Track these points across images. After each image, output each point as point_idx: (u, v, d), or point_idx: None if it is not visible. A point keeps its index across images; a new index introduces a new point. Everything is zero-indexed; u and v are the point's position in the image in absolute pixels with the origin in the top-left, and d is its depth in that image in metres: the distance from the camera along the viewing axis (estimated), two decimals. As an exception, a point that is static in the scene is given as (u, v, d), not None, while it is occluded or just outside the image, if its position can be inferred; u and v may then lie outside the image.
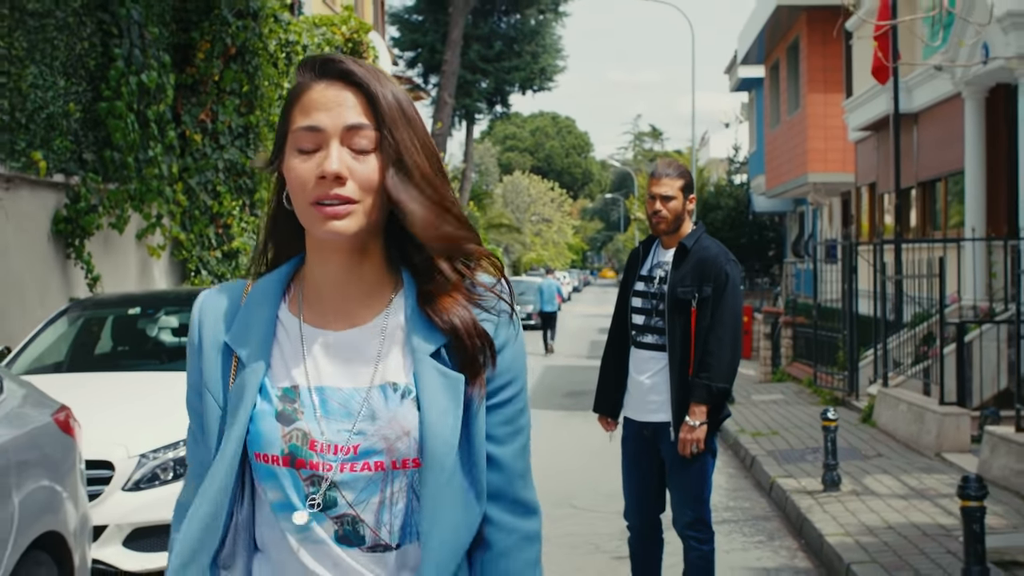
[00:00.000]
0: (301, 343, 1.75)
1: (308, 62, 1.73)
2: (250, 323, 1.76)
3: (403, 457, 1.69)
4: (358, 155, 1.66)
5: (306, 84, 1.70)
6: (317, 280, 1.77)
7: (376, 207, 1.68)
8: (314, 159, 1.66)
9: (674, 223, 5.33)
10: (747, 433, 11.87)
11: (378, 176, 1.66)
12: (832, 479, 8.55)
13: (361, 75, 1.69)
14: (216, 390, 1.77)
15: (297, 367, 1.74)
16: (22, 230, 9.22)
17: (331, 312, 1.77)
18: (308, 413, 1.71)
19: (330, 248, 1.72)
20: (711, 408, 5.15)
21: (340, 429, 1.70)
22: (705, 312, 5.19)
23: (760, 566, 7.04)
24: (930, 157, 17.24)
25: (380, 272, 1.77)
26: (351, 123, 1.66)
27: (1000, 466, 8.58)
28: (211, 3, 12.05)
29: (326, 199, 1.64)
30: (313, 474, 1.68)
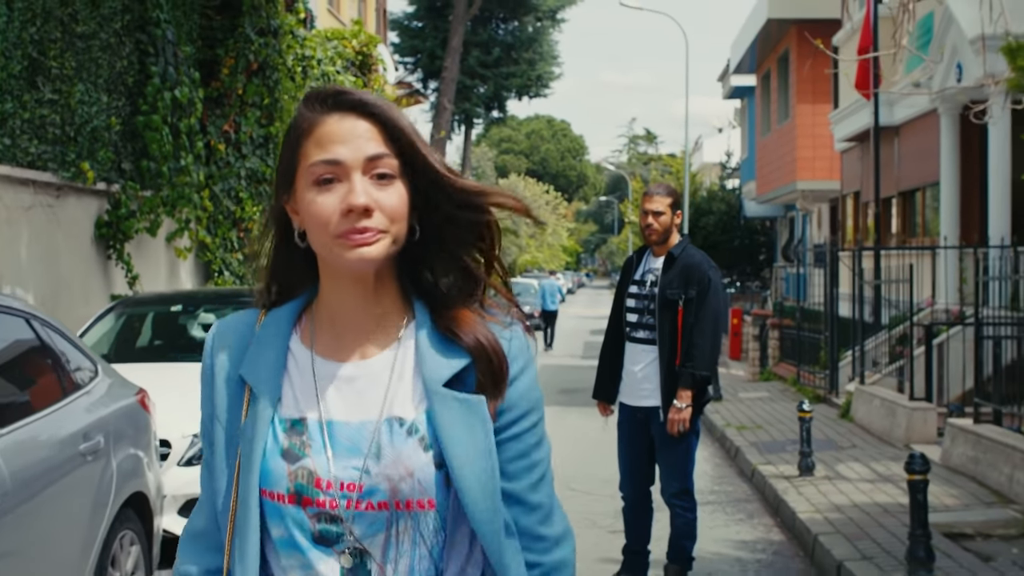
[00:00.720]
0: (313, 375, 1.74)
1: (316, 95, 1.72)
2: (262, 355, 1.75)
3: (407, 499, 1.66)
4: (380, 184, 1.65)
5: (316, 118, 1.68)
6: (332, 311, 1.76)
7: (402, 231, 1.68)
8: (335, 193, 1.64)
9: (664, 234, 6.23)
10: (733, 427, 12.73)
11: (405, 203, 1.67)
12: (807, 465, 9.43)
13: (375, 104, 1.69)
14: (228, 422, 1.76)
15: (307, 399, 1.73)
16: (70, 234, 10.07)
17: (344, 344, 1.75)
18: (316, 447, 1.69)
19: (348, 279, 1.71)
20: (695, 393, 6.03)
21: (347, 466, 1.68)
22: (690, 311, 6.07)
23: (739, 539, 7.90)
24: (910, 168, 18.13)
25: (394, 301, 1.76)
26: (372, 153, 1.65)
27: (959, 454, 9.46)
28: (235, 22, 12.91)
29: (354, 232, 1.63)
30: (320, 512, 1.67)
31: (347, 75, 16.61)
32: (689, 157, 41.90)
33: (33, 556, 4.43)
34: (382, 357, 1.73)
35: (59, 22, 9.55)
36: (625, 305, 6.34)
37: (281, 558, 1.70)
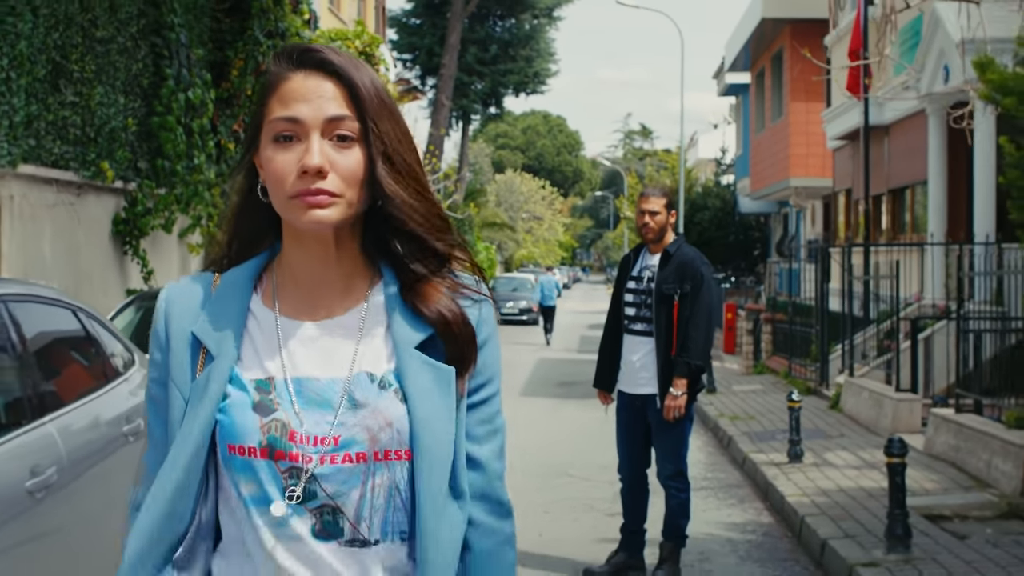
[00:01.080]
0: (277, 335, 1.72)
1: (285, 51, 1.70)
2: (220, 315, 1.72)
3: (385, 448, 1.66)
4: (339, 146, 1.64)
5: (283, 74, 1.67)
6: (294, 271, 1.74)
7: (358, 199, 1.66)
8: (293, 151, 1.63)
9: (659, 233, 6.66)
10: (726, 417, 13.17)
11: (362, 168, 1.65)
12: (796, 453, 9.87)
13: (340, 64, 1.66)
14: (182, 383, 1.71)
15: (271, 359, 1.70)
16: (89, 231, 10.49)
17: (308, 303, 1.74)
18: (285, 404, 1.66)
19: (310, 238, 1.69)
20: (690, 381, 6.45)
21: (320, 420, 1.65)
22: (685, 305, 6.50)
23: (731, 521, 8.34)
24: (900, 167, 18.58)
25: (358, 263, 1.75)
26: (332, 115, 1.64)
27: (941, 442, 9.91)
28: (244, 25, 13.31)
29: (309, 194, 1.61)
30: (292, 466, 1.64)
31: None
32: (684, 153, 42.33)
33: (76, 533, 4.80)
34: (350, 316, 1.73)
35: (80, 27, 9.95)
36: (623, 299, 6.77)
37: (252, 515, 1.65)
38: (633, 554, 6.75)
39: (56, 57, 9.55)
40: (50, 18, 9.39)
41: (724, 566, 7.05)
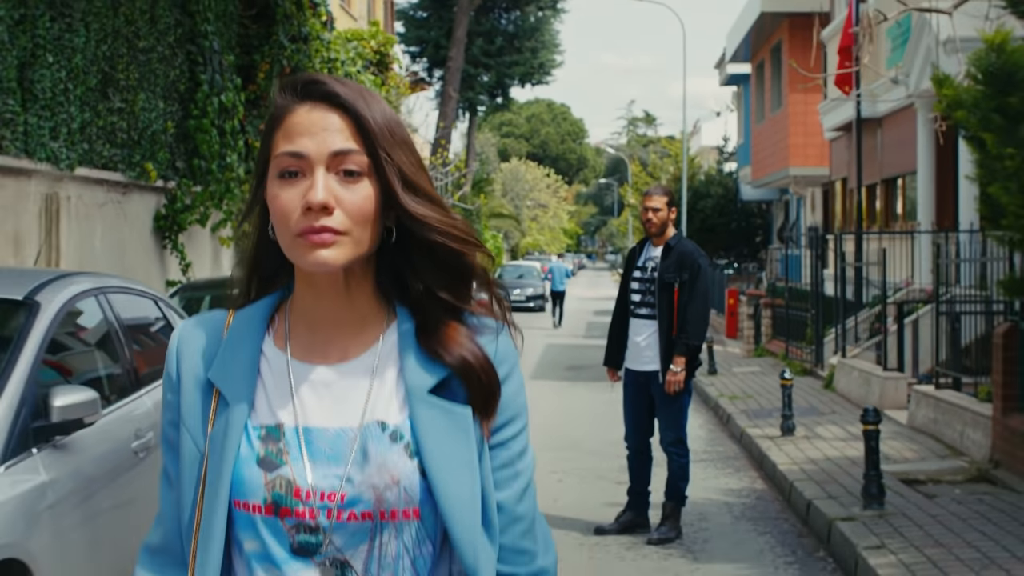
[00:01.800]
0: (288, 379, 1.65)
1: (290, 83, 1.63)
2: (233, 358, 1.66)
3: (392, 508, 1.58)
4: (346, 182, 1.57)
5: (287, 107, 1.61)
6: (306, 312, 1.67)
7: (368, 236, 1.59)
8: (298, 188, 1.56)
9: (661, 227, 7.51)
10: (725, 397, 14.01)
11: (370, 204, 1.58)
12: (788, 427, 10.71)
13: (346, 96, 1.59)
14: (195, 428, 1.66)
15: (283, 404, 1.63)
16: (133, 227, 11.34)
17: (320, 346, 1.67)
18: (293, 455, 1.60)
19: (321, 279, 1.62)
20: (689, 359, 7.30)
21: (328, 474, 1.59)
22: (684, 291, 7.35)
23: (728, 488, 9.19)
24: (891, 157, 19.38)
25: (372, 304, 1.67)
26: (338, 148, 1.57)
27: (922, 416, 10.75)
28: (270, 30, 14.13)
29: (313, 232, 1.54)
30: (298, 523, 1.58)
31: (367, 74, 17.83)
32: (687, 141, 43.11)
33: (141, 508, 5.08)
34: (362, 360, 1.65)
35: (125, 39, 10.77)
36: (630, 287, 7.62)
37: (255, 572, 1.60)
38: (639, 513, 7.62)
39: (105, 67, 10.37)
40: (99, 32, 10.21)
41: (720, 524, 7.91)
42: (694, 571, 6.72)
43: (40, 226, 9.44)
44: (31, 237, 9.28)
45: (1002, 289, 8.74)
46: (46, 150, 9.28)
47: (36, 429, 4.40)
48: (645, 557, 7.05)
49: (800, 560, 6.97)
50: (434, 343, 1.63)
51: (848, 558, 6.60)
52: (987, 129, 6.65)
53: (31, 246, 9.26)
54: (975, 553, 6.30)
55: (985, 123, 6.65)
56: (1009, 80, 6.51)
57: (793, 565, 6.86)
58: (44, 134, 9.25)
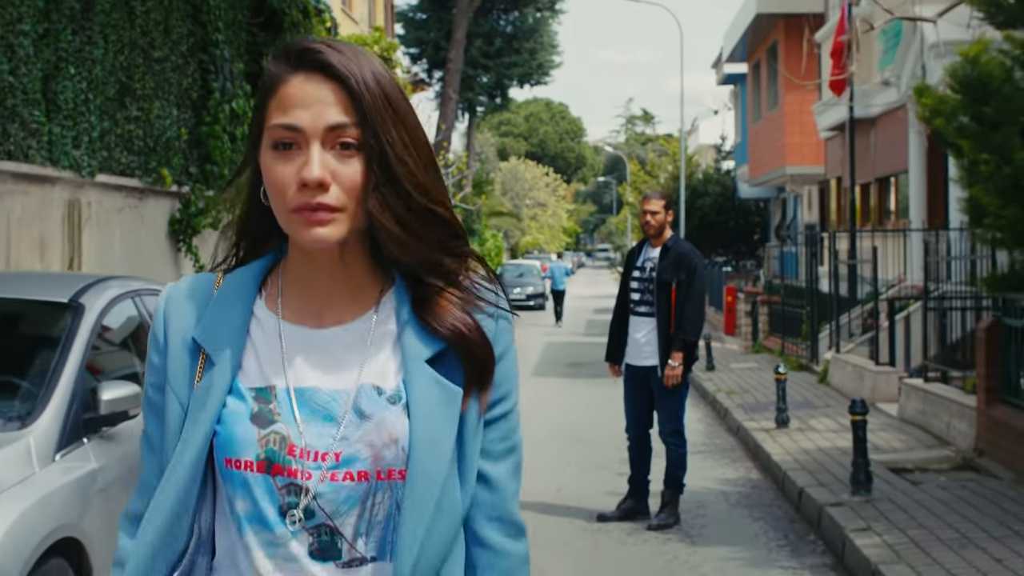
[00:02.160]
0: (280, 340, 1.63)
1: (283, 51, 1.59)
2: (221, 318, 1.63)
3: (388, 467, 1.57)
4: (342, 155, 1.54)
5: (281, 75, 1.56)
6: (299, 276, 1.65)
7: (364, 210, 1.56)
8: (293, 161, 1.53)
9: (659, 229, 7.92)
10: (723, 392, 14.41)
11: (364, 178, 1.54)
12: (783, 419, 11.12)
13: (342, 66, 1.54)
14: (180, 389, 1.63)
15: (274, 366, 1.61)
16: (150, 231, 11.74)
17: (313, 309, 1.64)
18: (286, 415, 1.58)
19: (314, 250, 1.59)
20: (686, 354, 7.70)
21: (322, 433, 1.57)
22: (681, 290, 7.76)
23: (725, 478, 9.59)
24: (884, 157, 19.79)
25: (368, 268, 1.65)
26: (333, 122, 1.53)
27: (912, 408, 11.16)
28: (277, 38, 14.52)
29: (308, 208, 1.52)
30: (291, 482, 1.55)
31: (370, 78, 18.20)
32: (686, 139, 43.49)
33: None
34: (358, 324, 1.63)
35: (141, 50, 11.17)
36: (629, 286, 8.03)
37: (245, 534, 1.58)
38: (639, 501, 8.03)
39: (123, 77, 10.77)
40: (117, 43, 10.61)
41: (716, 511, 8.31)
42: (692, 554, 7.13)
43: (63, 231, 9.84)
44: (55, 241, 9.69)
45: (985, 286, 9.14)
46: (69, 158, 9.69)
47: (86, 421, 4.82)
48: (645, 542, 7.45)
49: (792, 543, 7.37)
50: (428, 313, 1.61)
51: (836, 540, 7.01)
52: (964, 136, 7.06)
53: (55, 250, 9.66)
54: (955, 534, 6.70)
55: (962, 130, 7.06)
56: (984, 90, 6.91)
57: (785, 548, 7.27)
58: (67, 143, 9.66)
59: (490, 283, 1.70)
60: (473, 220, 36.20)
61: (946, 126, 7.26)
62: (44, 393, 4.75)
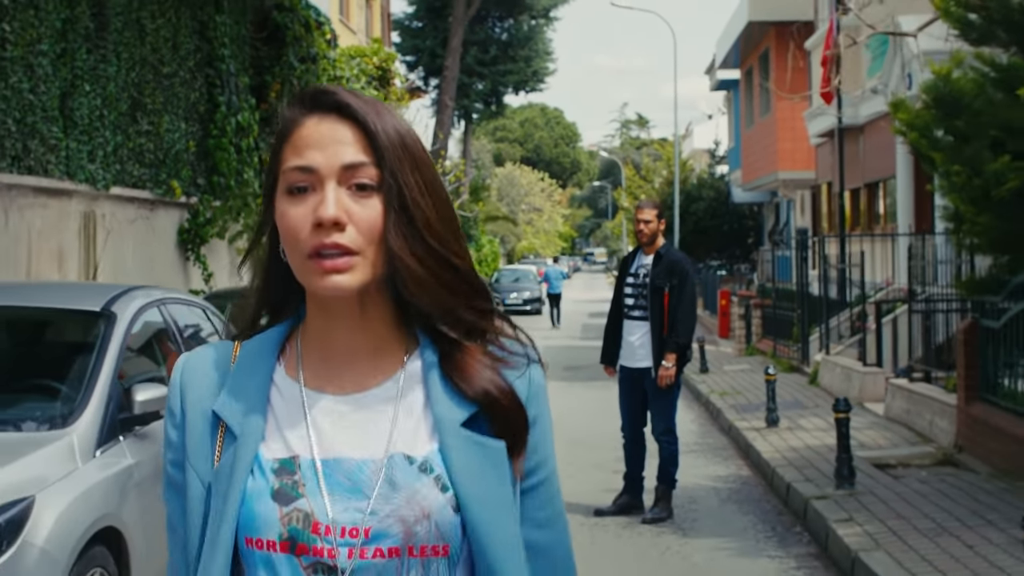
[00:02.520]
0: (302, 408, 1.52)
1: (299, 96, 1.54)
2: (241, 389, 1.53)
3: (421, 544, 1.45)
4: (359, 196, 1.46)
5: (296, 119, 1.51)
6: (319, 339, 1.56)
7: (384, 255, 1.47)
8: (308, 204, 1.46)
9: (652, 237, 8.34)
10: (716, 393, 14.82)
11: (383, 219, 1.47)
12: (773, 419, 11.53)
13: (358, 107, 1.49)
14: (201, 465, 1.53)
15: (297, 436, 1.51)
16: (160, 241, 12.15)
17: (336, 374, 1.55)
18: (311, 488, 1.47)
19: (334, 303, 1.51)
20: (679, 355, 8.11)
21: (349, 507, 1.46)
22: (673, 295, 8.18)
23: (716, 475, 10.00)
24: (873, 162, 20.22)
25: (391, 329, 1.55)
26: (349, 161, 1.46)
27: (897, 407, 11.58)
28: (280, 52, 14.96)
29: (324, 249, 1.43)
30: (316, 561, 1.45)
31: (370, 89, 18.64)
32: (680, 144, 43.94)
33: None
34: (384, 388, 1.54)
35: (151, 66, 11.59)
36: (624, 292, 8.44)
37: None
38: (634, 496, 8.44)
39: (134, 93, 11.19)
40: (129, 60, 11.02)
41: (708, 506, 8.72)
42: (684, 545, 7.53)
43: (80, 242, 10.24)
44: (72, 252, 10.09)
45: (963, 289, 9.55)
46: (85, 172, 10.10)
47: (122, 420, 5.22)
48: (640, 535, 7.86)
49: (779, 535, 7.78)
50: (455, 374, 1.53)
51: (820, 531, 7.42)
52: (937, 149, 7.48)
53: (72, 260, 10.07)
54: (931, 524, 7.12)
55: (935, 144, 7.48)
56: (955, 105, 7.32)
57: (772, 539, 7.68)
58: (83, 157, 10.07)
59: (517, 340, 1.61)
60: (470, 226, 36.62)
61: (920, 139, 7.68)
62: (83, 396, 5.16)
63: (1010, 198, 6.96)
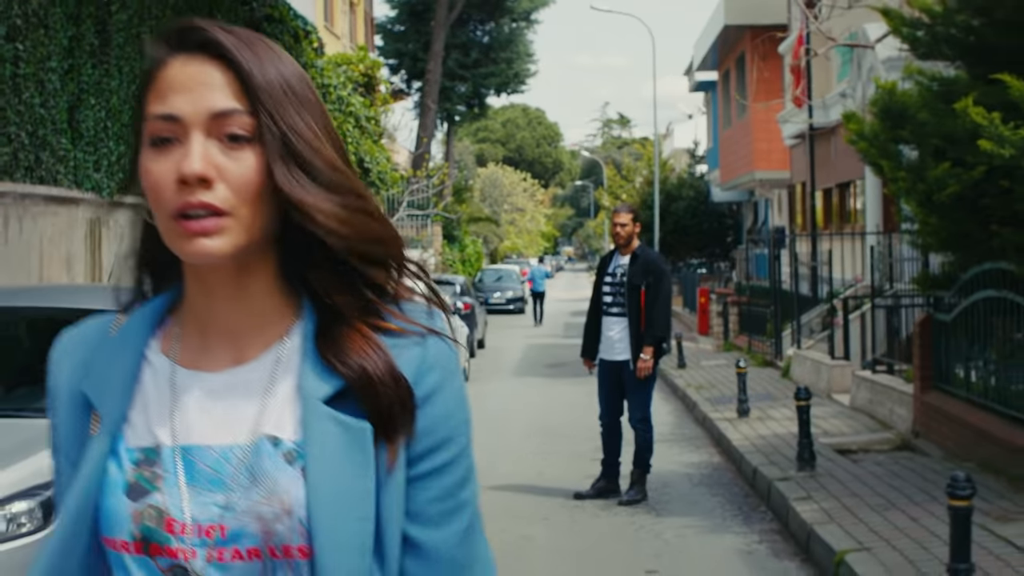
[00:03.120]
0: (170, 390, 1.36)
1: (163, 32, 1.33)
2: (111, 367, 1.38)
3: (284, 543, 1.28)
4: (231, 148, 1.28)
5: (160, 60, 1.31)
6: (197, 309, 1.38)
7: (260, 216, 1.29)
8: (172, 157, 1.27)
9: (628, 239, 8.98)
10: (692, 387, 15.47)
11: (258, 175, 1.28)
12: (744, 410, 12.18)
13: (230, 45, 1.29)
14: (73, 452, 1.38)
15: (161, 421, 1.34)
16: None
17: (212, 350, 1.38)
18: (169, 480, 1.31)
19: (209, 271, 1.34)
20: (655, 348, 8.75)
21: (209, 503, 1.30)
22: (650, 292, 8.82)
23: (689, 462, 10.64)
24: (844, 163, 20.90)
25: (274, 300, 1.38)
26: (218, 108, 1.27)
27: (861, 397, 12.25)
28: (272, 62, 15.56)
29: (189, 209, 1.25)
30: (174, 564, 1.29)
31: (356, 96, 19.23)
32: (661, 143, 44.61)
33: None
34: (257, 364, 1.36)
35: (151, 78, 12.18)
36: (602, 290, 9.08)
37: None
38: (611, 480, 9.08)
39: (135, 105, 11.77)
40: (130, 74, 11.60)
41: (680, 490, 9.36)
42: (656, 523, 8.17)
43: (86, 248, 10.83)
44: (79, 257, 10.67)
45: (918, 285, 10.21)
46: (91, 181, 10.68)
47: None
48: (616, 515, 8.48)
49: (744, 513, 8.43)
50: (330, 349, 1.34)
51: (781, 509, 8.06)
52: (884, 156, 8.14)
53: (79, 265, 10.65)
54: (882, 500, 7.77)
55: (882, 151, 8.14)
56: (901, 116, 7.97)
57: (738, 518, 8.32)
58: (89, 167, 10.65)
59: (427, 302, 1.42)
60: (453, 227, 37.23)
61: (869, 148, 8.34)
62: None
63: (951, 202, 7.61)
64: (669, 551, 7.41)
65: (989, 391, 8.87)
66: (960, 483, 5.30)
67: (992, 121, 6.86)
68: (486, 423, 13.47)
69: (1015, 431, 8.19)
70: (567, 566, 7.19)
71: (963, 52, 7.98)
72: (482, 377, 18.42)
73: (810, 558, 7.07)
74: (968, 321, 9.27)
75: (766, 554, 7.29)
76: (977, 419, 8.89)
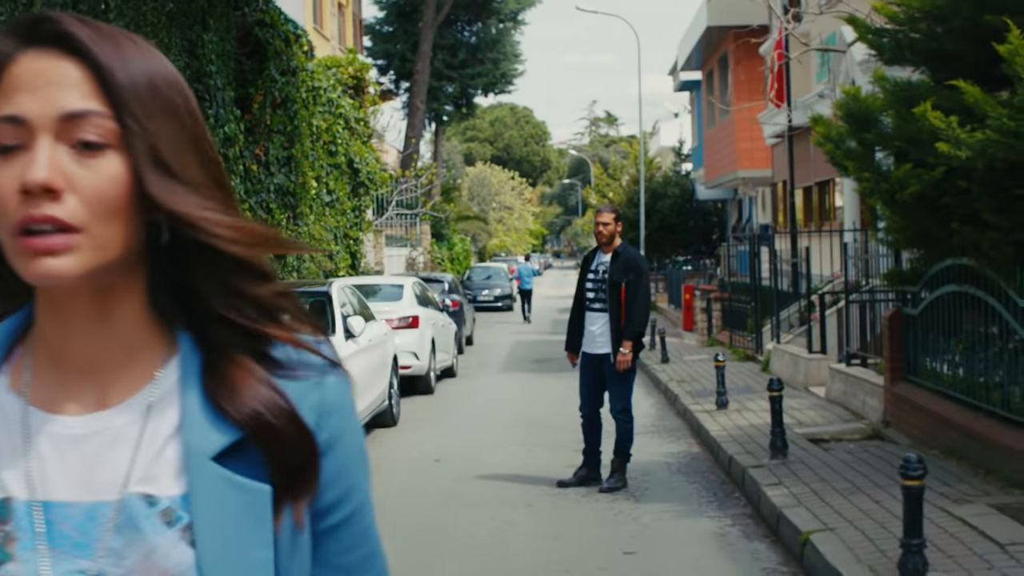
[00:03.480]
0: (22, 434, 1.17)
1: (14, 23, 1.16)
2: None
3: None
4: (84, 156, 1.10)
5: (9, 55, 1.14)
6: (50, 341, 1.19)
7: (120, 235, 1.12)
8: (16, 165, 1.10)
9: (610, 238, 9.38)
10: (674, 381, 15.88)
11: (119, 186, 1.11)
12: (722, 402, 12.59)
13: (85, 39, 1.13)
14: None
15: (12, 469, 1.15)
16: (155, 244, 13.10)
17: (71, 388, 1.19)
18: (24, 543, 1.12)
19: (63, 296, 1.16)
20: (634, 342, 9.15)
21: (72, 570, 1.12)
22: (630, 289, 9.21)
23: (669, 452, 11.04)
24: (822, 163, 21.30)
25: (143, 331, 1.20)
26: (69, 110, 1.11)
27: (836, 389, 12.67)
28: (262, 65, 15.88)
29: (33, 223, 1.08)
30: None
31: (345, 98, 19.60)
32: (647, 142, 45.08)
33: None
34: (127, 407, 1.17)
35: (146, 83, 12.53)
36: (585, 287, 9.48)
37: None
38: (592, 469, 9.48)
39: None
40: (126, 79, 11.97)
41: (659, 478, 9.77)
42: (635, 509, 8.57)
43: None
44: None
45: (887, 281, 10.63)
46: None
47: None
48: (597, 502, 8.88)
49: (719, 500, 8.84)
50: (219, 388, 1.18)
51: (754, 494, 8.47)
52: (849, 158, 8.55)
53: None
54: (848, 485, 8.18)
55: (848, 153, 8.55)
56: (866, 120, 8.37)
57: (713, 503, 8.72)
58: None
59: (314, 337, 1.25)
60: (442, 226, 37.61)
61: (835, 150, 8.75)
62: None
63: (913, 201, 8.02)
64: (646, 534, 7.81)
65: (954, 382, 9.29)
66: (912, 464, 5.69)
67: (950, 124, 7.27)
68: (474, 417, 13.89)
69: (976, 418, 8.61)
70: (550, 549, 7.59)
71: (925, 58, 8.39)
72: (470, 373, 18.82)
73: (779, 539, 7.47)
74: (934, 315, 9.69)
75: (738, 536, 7.70)
76: (942, 408, 9.31)
